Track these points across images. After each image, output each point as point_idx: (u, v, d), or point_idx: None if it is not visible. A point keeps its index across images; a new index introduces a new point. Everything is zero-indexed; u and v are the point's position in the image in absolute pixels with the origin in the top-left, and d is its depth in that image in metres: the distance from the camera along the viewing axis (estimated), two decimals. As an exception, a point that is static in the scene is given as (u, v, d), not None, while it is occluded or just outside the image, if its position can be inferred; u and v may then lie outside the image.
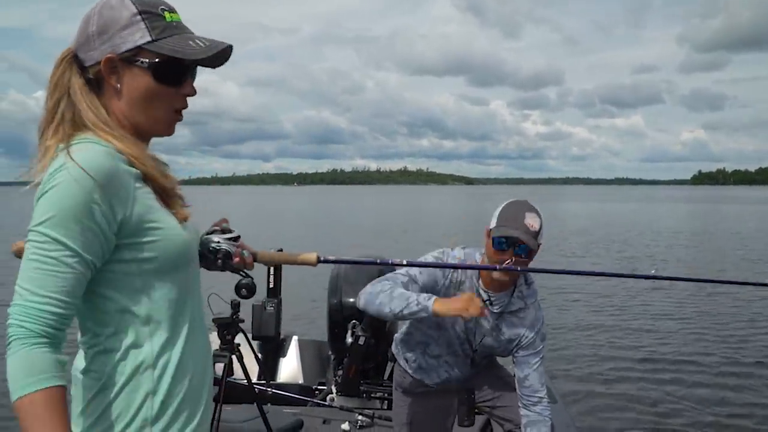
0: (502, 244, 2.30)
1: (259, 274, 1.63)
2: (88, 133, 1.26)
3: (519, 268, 2.29)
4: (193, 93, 1.36)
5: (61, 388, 1.14)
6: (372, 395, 3.79)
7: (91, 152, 1.21)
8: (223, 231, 1.64)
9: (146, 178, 1.28)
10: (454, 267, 2.43)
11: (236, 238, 1.63)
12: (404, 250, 18.44)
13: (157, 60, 1.28)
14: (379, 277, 3.84)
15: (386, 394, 3.81)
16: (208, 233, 1.61)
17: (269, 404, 3.36)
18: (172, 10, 1.33)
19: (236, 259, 1.60)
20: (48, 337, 1.14)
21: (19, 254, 1.81)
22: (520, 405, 2.50)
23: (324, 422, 3.41)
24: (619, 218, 37.42)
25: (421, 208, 52.52)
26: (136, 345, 1.26)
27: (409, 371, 2.69)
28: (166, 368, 1.28)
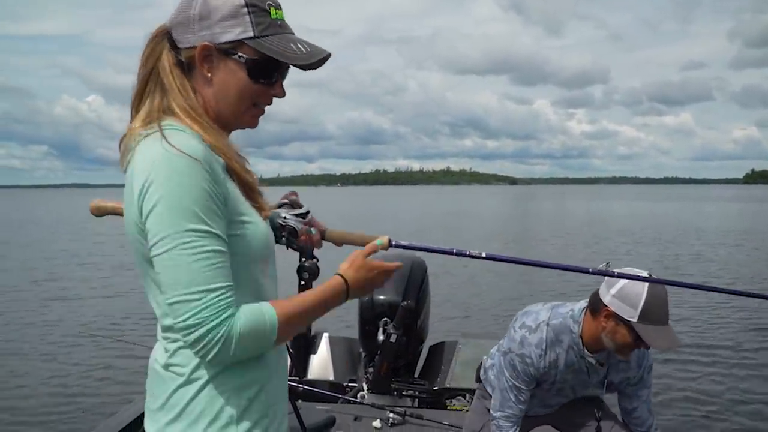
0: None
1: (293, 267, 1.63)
2: (174, 119, 1.23)
3: (615, 273, 1.89)
4: (283, 95, 1.33)
5: (277, 303, 1.21)
6: (403, 393, 3.78)
7: (187, 140, 1.18)
8: (292, 205, 1.57)
9: (229, 171, 1.25)
10: (547, 266, 2.37)
11: (305, 214, 1.56)
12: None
13: (255, 58, 1.25)
14: (410, 272, 3.81)
15: (417, 392, 3.80)
16: (276, 207, 1.55)
17: (300, 401, 3.38)
18: (278, 7, 1.29)
19: (302, 237, 1.54)
20: (235, 315, 1.14)
21: (97, 212, 1.79)
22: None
23: (355, 419, 3.41)
24: (667, 218, 36.50)
25: (464, 209, 52.17)
26: None
27: None
28: (254, 366, 1.24)
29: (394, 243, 1.51)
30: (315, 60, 1.28)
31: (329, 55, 1.30)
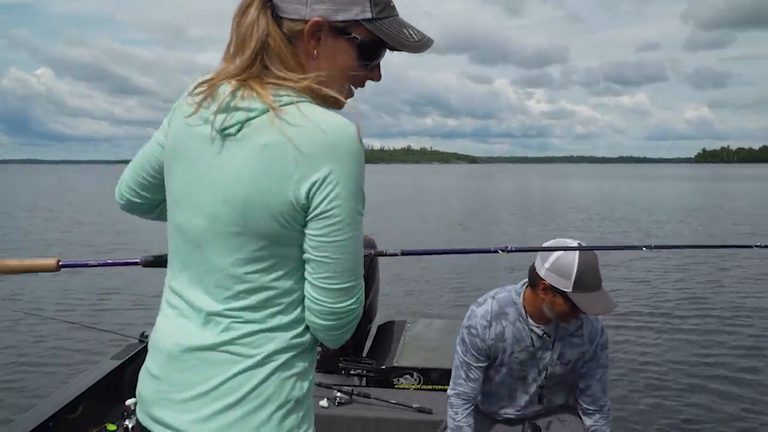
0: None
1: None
2: (306, 95, 1.16)
3: (511, 248, 2.03)
4: (379, 79, 1.28)
5: None
6: (351, 372, 3.77)
7: (345, 119, 1.14)
8: None
9: None
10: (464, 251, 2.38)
11: None
12: (410, 229, 18.47)
13: (368, 40, 1.20)
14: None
15: (365, 371, 3.79)
16: None
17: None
18: None
19: None
20: None
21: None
22: (580, 412, 2.49)
23: (302, 399, 3.39)
24: (621, 196, 37.33)
25: (425, 187, 52.40)
26: (298, 325, 1.19)
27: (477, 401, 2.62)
28: (311, 350, 1.24)
29: (62, 263, 1.72)
30: (424, 49, 1.26)
31: (433, 43, 1.28)
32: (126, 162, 1.48)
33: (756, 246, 2.05)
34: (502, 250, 1.86)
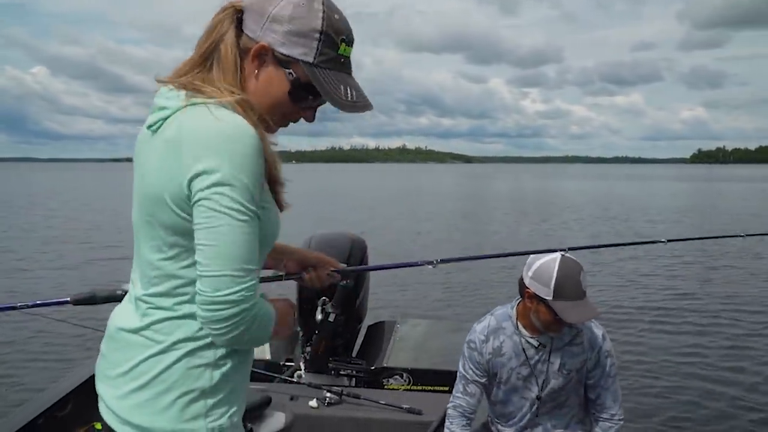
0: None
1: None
2: (224, 98, 1.21)
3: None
4: (311, 120, 1.35)
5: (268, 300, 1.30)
6: (341, 372, 3.77)
7: (246, 122, 1.18)
8: None
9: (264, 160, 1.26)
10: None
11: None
12: (405, 229, 18.48)
13: (304, 81, 1.26)
14: (350, 251, 3.81)
15: (354, 372, 3.79)
16: None
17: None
18: (350, 44, 1.30)
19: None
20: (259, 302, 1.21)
21: None
22: (593, 420, 2.48)
23: (291, 399, 3.39)
24: (613, 196, 37.41)
25: (419, 187, 52.43)
26: None
27: None
28: None
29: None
30: (356, 111, 1.30)
31: (371, 108, 1.32)
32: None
33: (746, 235, 2.12)
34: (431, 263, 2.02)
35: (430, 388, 3.73)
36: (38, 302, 1.82)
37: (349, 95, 1.28)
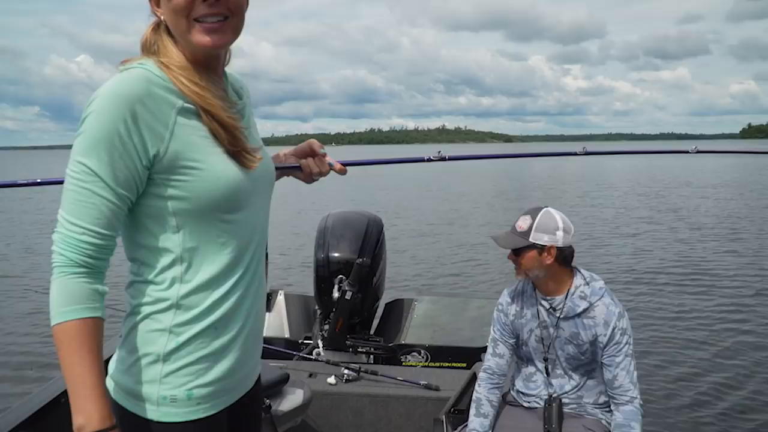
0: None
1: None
2: (151, 59, 1.25)
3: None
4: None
5: (96, 320, 1.16)
6: (359, 350, 3.79)
7: (128, 77, 1.19)
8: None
9: (202, 113, 1.23)
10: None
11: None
12: (443, 210, 18.42)
13: None
14: (366, 230, 3.82)
15: (372, 349, 3.81)
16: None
17: (254, 358, 3.39)
18: None
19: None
20: (87, 266, 1.16)
21: None
22: (612, 405, 2.42)
23: (310, 375, 3.43)
24: (659, 172, 36.54)
25: (460, 167, 52.02)
26: (164, 282, 1.25)
27: None
28: (193, 312, 1.25)
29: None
30: None
31: None
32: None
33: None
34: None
35: (447, 364, 3.73)
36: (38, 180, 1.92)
37: None
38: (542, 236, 2.39)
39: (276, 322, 4.06)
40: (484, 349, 2.77)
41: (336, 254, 3.79)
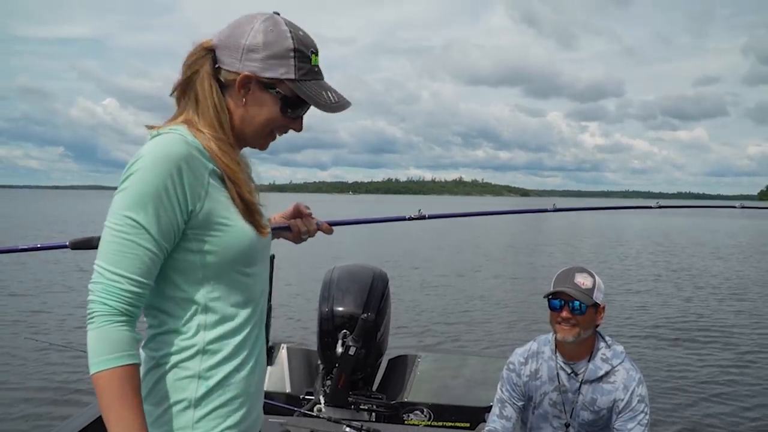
0: (555, 302, 2.36)
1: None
2: (187, 127, 1.34)
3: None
4: (300, 130, 1.47)
5: (136, 366, 1.23)
6: (361, 406, 3.73)
7: (170, 139, 1.28)
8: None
9: (228, 181, 1.35)
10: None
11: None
12: (455, 261, 18.36)
13: (290, 96, 1.38)
14: (371, 284, 3.80)
15: (375, 406, 3.75)
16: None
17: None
18: (317, 53, 1.42)
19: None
20: (127, 315, 1.23)
21: None
22: None
23: (310, 433, 3.37)
24: (673, 231, 36.28)
25: (476, 220, 52.01)
26: (189, 330, 1.31)
27: None
28: (219, 356, 1.33)
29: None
30: (340, 110, 1.43)
31: (350, 105, 1.44)
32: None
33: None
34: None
35: (450, 424, 3.66)
36: (38, 245, 1.93)
37: (331, 98, 1.41)
38: (600, 295, 2.37)
39: (277, 376, 4.02)
40: (488, 409, 2.73)
41: (340, 308, 3.76)
